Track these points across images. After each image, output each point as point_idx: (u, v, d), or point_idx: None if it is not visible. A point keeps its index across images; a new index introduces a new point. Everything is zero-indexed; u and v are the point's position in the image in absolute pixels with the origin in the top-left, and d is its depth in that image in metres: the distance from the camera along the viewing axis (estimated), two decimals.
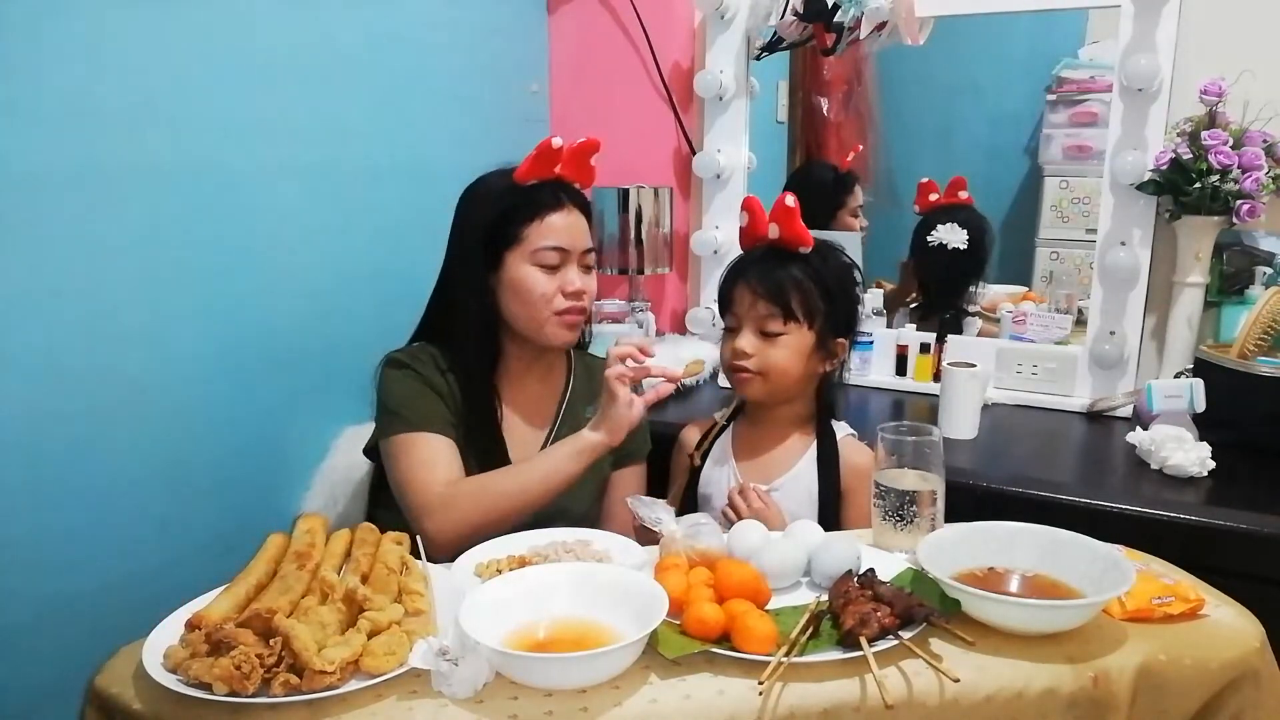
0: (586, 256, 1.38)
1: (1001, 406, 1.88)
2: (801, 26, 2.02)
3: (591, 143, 1.37)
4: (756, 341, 1.33)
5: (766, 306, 1.32)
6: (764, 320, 1.33)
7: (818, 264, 1.34)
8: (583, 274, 1.37)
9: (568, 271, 1.34)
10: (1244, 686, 0.93)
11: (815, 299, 1.33)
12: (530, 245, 1.32)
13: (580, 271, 1.36)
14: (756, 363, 1.33)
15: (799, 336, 1.33)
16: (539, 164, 1.34)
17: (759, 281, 1.33)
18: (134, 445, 1.33)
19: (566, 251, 1.34)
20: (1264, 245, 1.76)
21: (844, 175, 2.34)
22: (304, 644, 0.82)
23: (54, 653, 1.22)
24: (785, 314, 1.32)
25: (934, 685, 0.86)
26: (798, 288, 1.32)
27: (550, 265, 1.33)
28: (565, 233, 1.34)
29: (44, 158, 1.20)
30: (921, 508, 1.11)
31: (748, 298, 1.34)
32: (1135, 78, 1.71)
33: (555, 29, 2.30)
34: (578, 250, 1.35)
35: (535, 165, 1.34)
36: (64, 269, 1.23)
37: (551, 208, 1.33)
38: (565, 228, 1.34)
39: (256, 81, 1.49)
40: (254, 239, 1.51)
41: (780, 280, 1.32)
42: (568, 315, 1.35)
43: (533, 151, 1.33)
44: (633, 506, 1.10)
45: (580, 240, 1.36)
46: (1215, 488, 1.43)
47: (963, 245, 2.08)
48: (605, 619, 0.93)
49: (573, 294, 1.34)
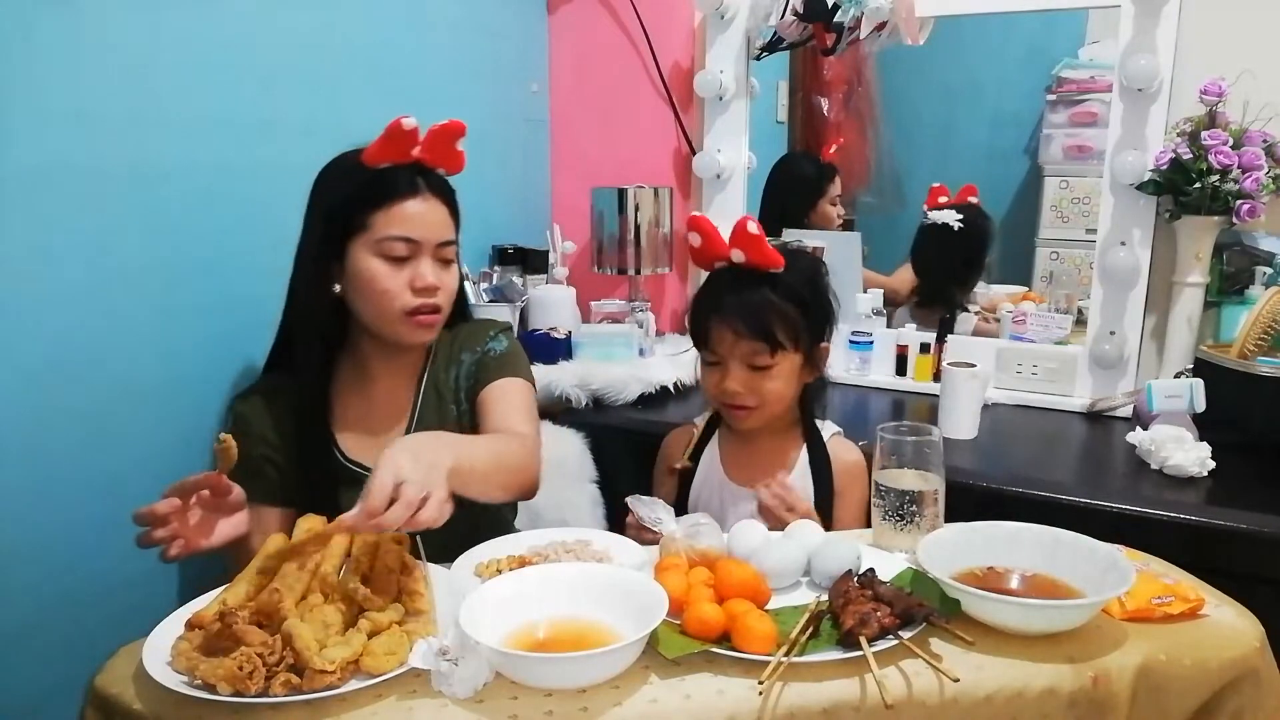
0: (444, 249, 1.26)
1: (1001, 406, 1.88)
2: (801, 26, 2.02)
3: (454, 125, 1.24)
4: (746, 377, 1.29)
5: (750, 343, 1.27)
6: (751, 356, 1.28)
7: (790, 279, 1.28)
8: (438, 267, 1.25)
9: (419, 264, 1.23)
10: (1243, 686, 0.93)
11: (796, 319, 1.28)
12: (375, 234, 1.21)
13: (435, 265, 1.24)
14: (752, 399, 1.30)
15: (789, 362, 1.30)
16: (389, 146, 1.21)
17: (738, 317, 1.27)
18: (134, 445, 1.33)
19: (417, 243, 1.22)
20: (1264, 245, 1.76)
21: (825, 166, 2.35)
22: (305, 643, 0.82)
23: (54, 653, 1.22)
24: (772, 347, 1.27)
25: (934, 685, 0.86)
26: (779, 315, 1.27)
27: (397, 257, 1.21)
28: (417, 222, 1.22)
29: (44, 158, 1.20)
30: (921, 508, 1.11)
31: (729, 336, 1.28)
32: (1135, 78, 1.71)
33: (555, 29, 2.30)
34: (431, 242, 1.23)
35: (384, 147, 1.21)
36: (64, 269, 1.23)
37: (404, 194, 1.21)
38: (417, 216, 1.22)
39: (256, 81, 1.49)
40: (255, 238, 1.50)
41: (759, 311, 1.26)
42: (419, 314, 1.24)
43: (383, 131, 1.21)
44: (633, 506, 1.10)
45: (435, 231, 1.24)
46: (1215, 488, 1.43)
47: (957, 225, 2.09)
48: (605, 619, 0.94)
49: (423, 289, 1.23)
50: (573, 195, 2.31)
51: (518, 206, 2.26)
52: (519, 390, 1.33)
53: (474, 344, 1.36)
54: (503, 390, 1.31)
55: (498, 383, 1.32)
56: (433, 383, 1.34)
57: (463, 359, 1.35)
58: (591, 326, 2.04)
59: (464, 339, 1.37)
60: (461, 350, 1.35)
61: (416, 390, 1.34)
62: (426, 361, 1.36)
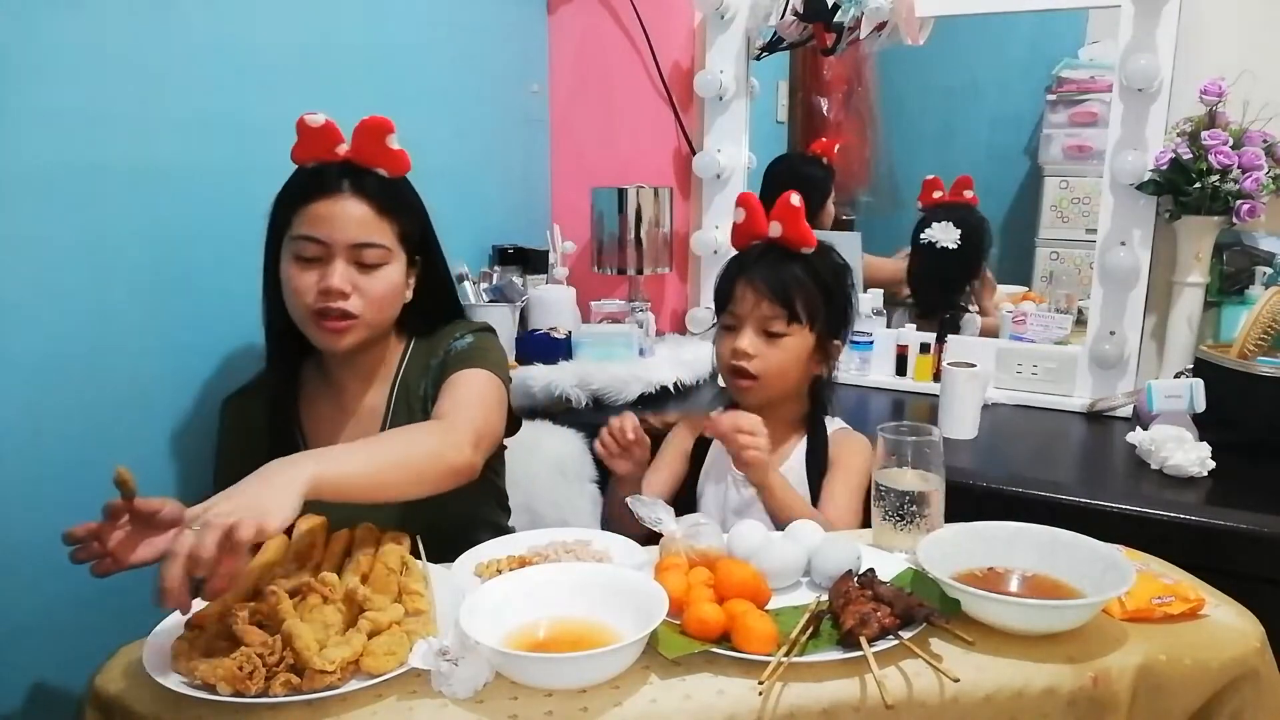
0: (361, 251, 1.19)
1: (1001, 406, 1.88)
2: (801, 26, 2.03)
3: (378, 121, 1.20)
4: (758, 341, 1.33)
5: (771, 307, 1.32)
6: (767, 320, 1.32)
7: (818, 264, 1.34)
8: (354, 271, 1.19)
9: (328, 267, 1.18)
10: (1243, 686, 0.93)
11: (817, 299, 1.33)
12: (291, 233, 1.19)
13: (350, 268, 1.19)
14: (758, 364, 1.32)
15: (800, 338, 1.33)
16: (304, 143, 1.20)
17: (763, 281, 1.32)
18: (134, 445, 1.33)
19: (326, 244, 1.18)
20: (1264, 245, 1.77)
21: (827, 166, 2.35)
22: (305, 643, 0.82)
23: (54, 653, 1.22)
24: (789, 315, 1.32)
25: (934, 685, 0.86)
26: (801, 288, 1.32)
27: (307, 258, 1.18)
28: (327, 222, 1.17)
29: (44, 158, 1.20)
30: (921, 508, 1.11)
31: (750, 297, 1.33)
32: (1135, 78, 1.71)
33: (555, 29, 2.30)
34: (342, 243, 1.18)
35: (302, 145, 1.20)
36: (64, 269, 1.23)
37: (319, 193, 1.18)
38: (328, 217, 1.18)
39: (256, 81, 1.49)
40: (255, 238, 1.50)
41: (785, 280, 1.31)
42: (325, 319, 1.19)
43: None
44: (633, 506, 1.10)
45: (349, 232, 1.18)
46: (1215, 488, 1.43)
47: (954, 245, 2.08)
48: (605, 619, 0.93)
49: (325, 291, 1.17)
50: (573, 195, 2.31)
51: (518, 206, 2.26)
52: (469, 380, 1.25)
53: (440, 347, 1.32)
54: (451, 383, 1.25)
55: (451, 377, 1.26)
56: (404, 391, 1.31)
57: (430, 364, 1.32)
58: (591, 326, 2.04)
59: (435, 344, 1.33)
60: (430, 355, 1.32)
61: (387, 400, 1.32)
62: (397, 370, 1.33)
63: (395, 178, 1.25)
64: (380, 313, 1.24)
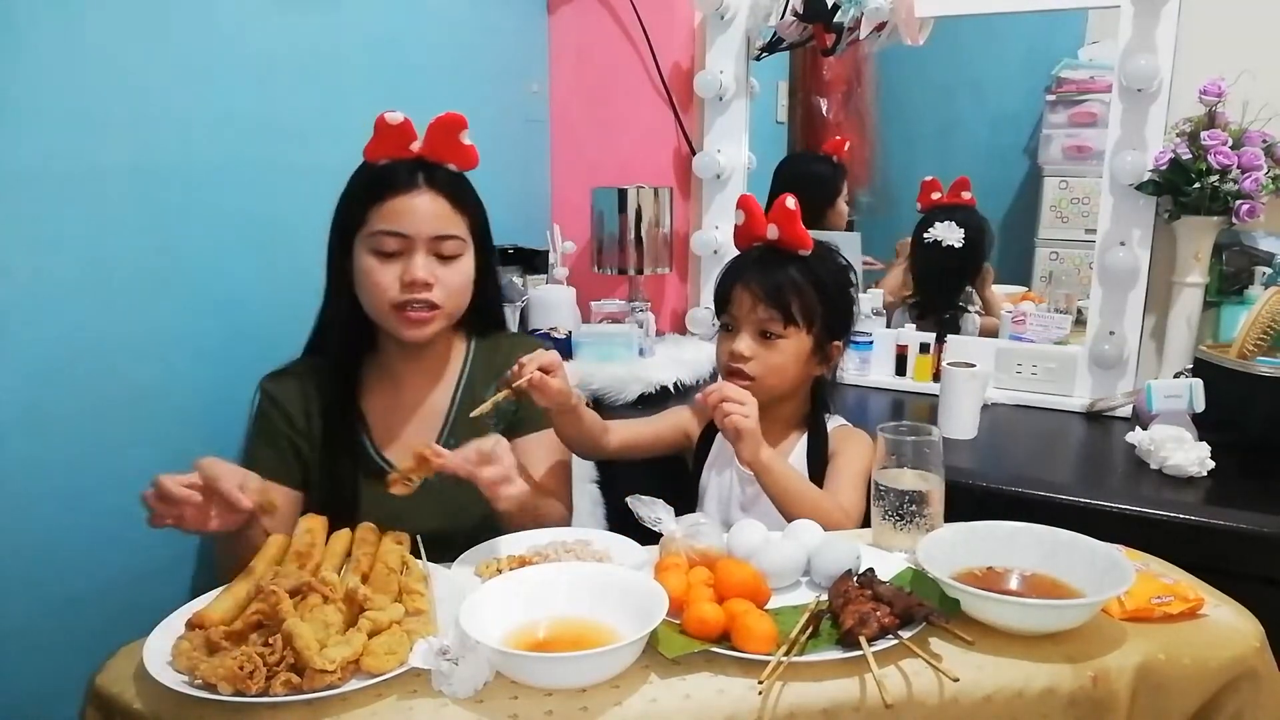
0: (441, 243, 1.23)
1: (1001, 406, 1.88)
2: (801, 27, 2.03)
3: (452, 117, 1.24)
4: (755, 344, 1.33)
5: (766, 310, 1.32)
6: (764, 323, 1.33)
7: (816, 266, 1.34)
8: (435, 263, 1.23)
9: (410, 259, 1.21)
10: (1243, 686, 0.93)
11: (814, 302, 1.33)
12: (369, 229, 1.22)
13: (431, 260, 1.23)
14: (755, 366, 1.33)
15: (798, 341, 1.34)
16: (381, 141, 1.23)
17: (759, 284, 1.32)
18: (134, 445, 1.33)
19: (408, 238, 1.21)
20: (1263, 245, 1.76)
21: (838, 165, 2.34)
22: (306, 643, 0.82)
23: (54, 652, 1.22)
24: (785, 317, 1.32)
25: (934, 685, 0.86)
26: (797, 291, 1.32)
27: (388, 252, 1.21)
28: (408, 217, 1.21)
29: (44, 158, 1.20)
30: (921, 507, 1.11)
31: (747, 300, 1.33)
32: (1135, 78, 1.71)
33: (555, 29, 2.30)
34: (424, 236, 1.21)
35: (378, 143, 1.23)
36: (64, 269, 1.23)
37: (397, 189, 1.21)
38: (408, 211, 1.21)
39: (256, 81, 1.49)
40: (255, 238, 1.50)
41: (780, 283, 1.32)
42: (409, 310, 1.22)
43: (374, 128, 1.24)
44: (633, 506, 1.10)
45: (430, 225, 1.22)
46: (1215, 488, 1.43)
47: (958, 243, 2.08)
48: (605, 619, 0.93)
49: (410, 284, 1.21)
50: (573, 195, 2.31)
51: (518, 206, 2.26)
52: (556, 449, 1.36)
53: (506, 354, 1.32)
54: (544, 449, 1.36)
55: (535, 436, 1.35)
56: (469, 393, 1.34)
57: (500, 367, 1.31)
58: (591, 326, 2.04)
59: (496, 346, 1.35)
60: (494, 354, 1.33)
61: (452, 398, 1.34)
62: (463, 369, 1.36)
63: (463, 172, 1.28)
64: (459, 303, 1.28)
